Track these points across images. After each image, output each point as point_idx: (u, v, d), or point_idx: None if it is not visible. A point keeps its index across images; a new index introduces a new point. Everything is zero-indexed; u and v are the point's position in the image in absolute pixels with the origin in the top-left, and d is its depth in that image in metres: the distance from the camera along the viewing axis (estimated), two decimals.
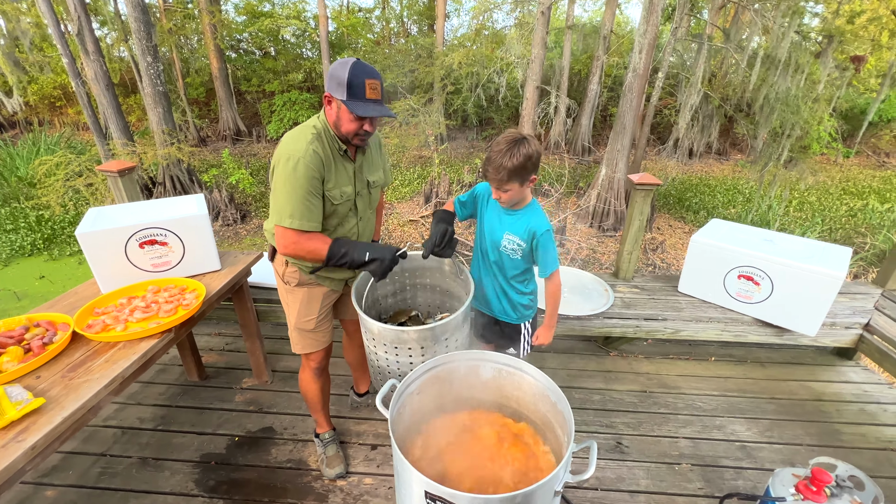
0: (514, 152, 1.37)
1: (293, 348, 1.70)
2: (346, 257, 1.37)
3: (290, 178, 1.31)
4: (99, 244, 1.64)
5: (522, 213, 1.55)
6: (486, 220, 1.63)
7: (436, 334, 1.40)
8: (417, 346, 1.39)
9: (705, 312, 2.33)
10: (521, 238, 1.54)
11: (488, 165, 1.42)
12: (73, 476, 1.86)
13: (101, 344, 1.44)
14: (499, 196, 1.48)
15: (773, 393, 2.40)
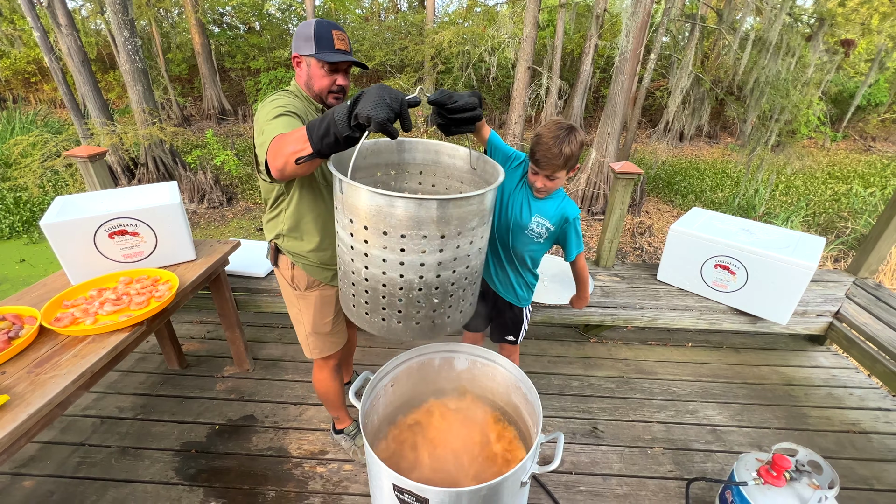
0: (571, 139, 1.35)
1: (309, 354, 1.63)
2: (325, 119, 0.91)
3: (269, 113, 1.18)
4: (66, 235, 1.60)
5: (552, 196, 1.55)
6: (511, 199, 1.57)
7: (462, 214, 0.92)
8: (436, 231, 0.91)
9: (682, 301, 2.36)
10: (550, 222, 1.54)
11: (542, 152, 1.37)
12: (52, 466, 1.86)
13: (69, 338, 1.42)
14: (543, 184, 1.43)
15: (745, 378, 2.47)
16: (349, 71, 1.36)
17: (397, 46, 10.54)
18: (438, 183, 1.32)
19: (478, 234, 1.00)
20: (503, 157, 1.54)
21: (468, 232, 0.96)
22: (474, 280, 1.09)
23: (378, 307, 1.03)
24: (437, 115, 1.05)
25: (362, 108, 0.83)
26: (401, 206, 0.88)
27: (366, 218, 0.91)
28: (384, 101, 0.82)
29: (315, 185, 1.37)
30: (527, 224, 1.55)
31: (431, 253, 0.94)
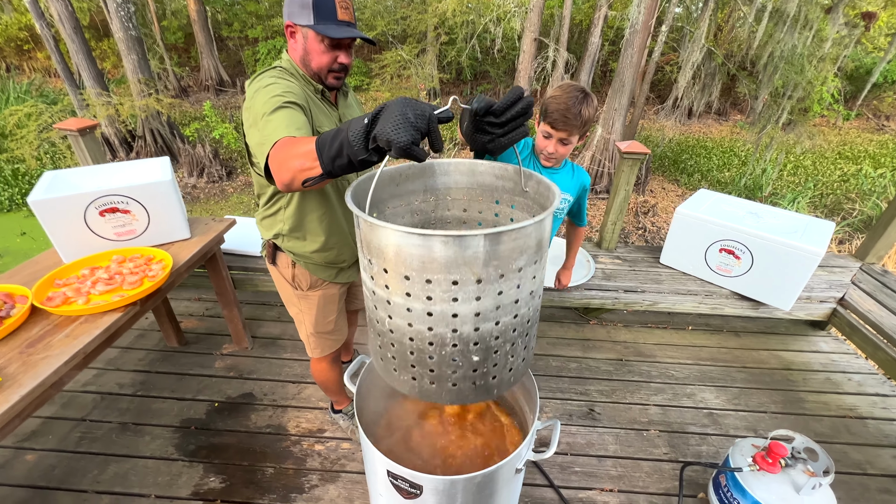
0: (588, 102, 1.30)
1: (311, 353, 1.60)
2: (338, 136, 0.75)
3: (266, 104, 1.02)
4: (55, 212, 1.56)
5: (565, 168, 1.52)
6: None
7: (504, 252, 0.73)
8: (469, 275, 0.73)
9: (684, 285, 2.33)
10: (572, 194, 1.55)
11: (561, 111, 1.29)
12: (53, 441, 1.89)
13: (61, 318, 1.40)
14: (556, 149, 1.37)
15: (744, 362, 2.47)
16: (352, 46, 1.21)
17: (399, 16, 10.18)
18: (486, 210, 1.09)
19: (527, 274, 0.79)
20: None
21: (513, 274, 0.76)
22: (527, 331, 0.89)
23: (406, 364, 0.86)
24: (479, 129, 0.81)
25: (381, 129, 0.67)
26: (416, 245, 0.70)
27: (385, 259, 0.75)
28: (408, 120, 0.66)
29: None
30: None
31: (466, 302, 0.76)
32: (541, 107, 1.35)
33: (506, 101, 0.78)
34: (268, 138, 0.95)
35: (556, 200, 0.83)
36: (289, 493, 1.71)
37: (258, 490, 1.73)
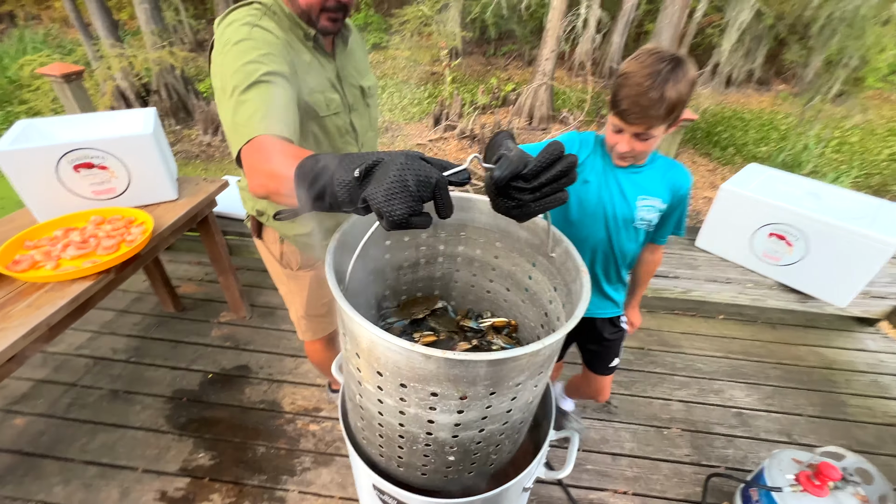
0: (676, 76, 0.92)
1: (301, 336, 1.45)
2: (321, 178, 0.58)
3: (238, 73, 0.83)
4: (22, 165, 1.40)
5: (652, 165, 1.13)
6: (594, 190, 1.13)
7: (501, 374, 0.64)
8: (452, 391, 0.64)
9: (723, 272, 2.10)
10: (662, 199, 1.13)
11: (633, 99, 0.94)
12: (43, 405, 1.82)
13: (27, 284, 1.27)
14: (630, 147, 1.01)
15: (780, 357, 2.25)
16: None
17: None
18: (504, 257, 0.98)
19: (527, 386, 0.70)
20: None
21: (508, 390, 0.67)
22: (518, 430, 0.83)
23: (375, 439, 0.82)
24: (503, 192, 0.59)
25: (373, 195, 0.52)
26: (393, 350, 0.61)
27: (357, 345, 0.67)
28: (406, 188, 0.50)
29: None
30: (632, 214, 1.13)
31: (445, 412, 0.67)
32: (614, 85, 1.01)
33: (541, 162, 0.57)
34: (240, 129, 0.78)
35: (584, 291, 0.71)
36: (279, 476, 1.62)
37: (248, 469, 1.64)
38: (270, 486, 1.59)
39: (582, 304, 0.68)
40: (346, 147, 1.13)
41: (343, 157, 0.57)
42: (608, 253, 1.21)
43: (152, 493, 1.56)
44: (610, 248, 1.20)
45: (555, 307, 0.87)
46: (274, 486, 1.59)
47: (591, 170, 1.14)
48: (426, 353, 0.58)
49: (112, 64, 6.62)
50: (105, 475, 1.60)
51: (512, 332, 1.04)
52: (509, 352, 0.59)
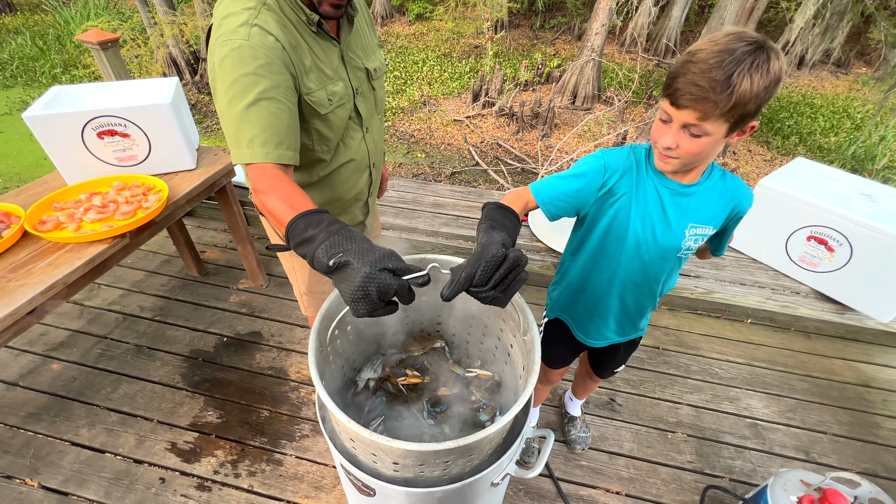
0: (756, 63, 0.71)
1: (304, 311, 1.46)
2: (307, 246, 0.69)
3: (237, 85, 0.83)
4: (51, 130, 1.48)
5: (707, 184, 0.94)
6: (635, 214, 0.96)
7: (454, 454, 0.77)
8: (413, 462, 0.78)
9: (751, 274, 1.95)
10: (714, 225, 0.97)
11: (690, 76, 0.75)
12: (77, 353, 1.99)
13: (50, 243, 1.36)
14: (675, 142, 0.82)
15: (810, 370, 2.09)
16: None
17: None
18: (493, 320, 1.09)
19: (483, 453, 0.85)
20: (588, 182, 0.96)
21: (465, 458, 0.82)
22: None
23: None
24: (459, 288, 0.69)
25: (342, 291, 0.64)
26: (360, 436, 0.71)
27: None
28: (367, 296, 0.62)
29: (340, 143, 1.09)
30: (678, 243, 0.98)
31: (408, 467, 0.81)
32: (676, 62, 0.81)
33: (485, 272, 0.67)
34: (243, 150, 0.85)
35: (534, 374, 0.81)
36: (279, 440, 1.70)
37: (251, 431, 1.73)
38: (270, 449, 1.67)
39: (511, 411, 0.76)
40: (351, 133, 1.10)
41: (327, 234, 0.67)
42: (641, 284, 1.07)
43: (164, 443, 1.68)
44: (644, 277, 1.06)
45: (521, 383, 0.94)
46: (273, 449, 1.67)
47: (632, 189, 0.96)
48: (382, 443, 0.68)
49: (164, 31, 6.85)
50: (125, 422, 1.74)
51: (495, 387, 1.13)
52: (444, 444, 0.69)
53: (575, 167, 0.99)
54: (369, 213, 1.37)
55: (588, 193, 0.98)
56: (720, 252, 1.14)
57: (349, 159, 1.13)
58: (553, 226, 2.20)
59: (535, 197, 0.96)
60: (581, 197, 0.99)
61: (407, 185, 2.63)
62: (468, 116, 6.81)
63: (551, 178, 0.99)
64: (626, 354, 1.32)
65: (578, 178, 0.97)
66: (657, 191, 0.96)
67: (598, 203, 1.00)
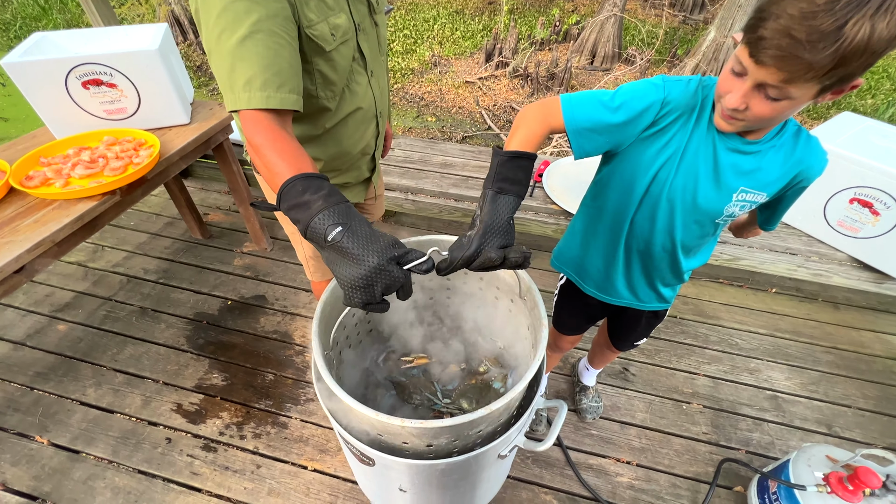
0: (885, 7, 0.52)
1: (310, 276, 1.39)
2: (301, 211, 0.63)
3: (226, 14, 0.72)
4: (31, 78, 1.39)
5: (776, 143, 0.78)
6: (685, 169, 0.82)
7: (459, 430, 0.74)
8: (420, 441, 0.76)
9: (783, 240, 1.81)
10: (769, 192, 0.82)
11: (788, 19, 0.55)
12: (82, 315, 1.97)
13: (38, 200, 1.29)
14: (744, 102, 0.66)
15: (837, 342, 1.99)
16: None
17: None
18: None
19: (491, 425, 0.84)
20: (638, 112, 0.79)
21: (473, 432, 0.79)
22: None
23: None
24: (456, 264, 0.68)
25: (340, 275, 0.60)
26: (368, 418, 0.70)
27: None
28: (370, 289, 0.59)
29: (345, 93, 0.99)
30: (720, 208, 0.84)
31: (417, 442, 0.78)
32: (755, 8, 0.61)
33: (481, 267, 0.68)
34: (238, 93, 0.74)
35: (542, 346, 0.78)
36: (284, 403, 1.68)
37: (256, 394, 1.71)
38: (275, 412, 1.66)
39: (538, 357, 0.76)
40: (356, 77, 0.99)
41: (326, 203, 0.61)
42: (668, 249, 0.93)
43: (170, 404, 1.67)
44: (672, 242, 0.92)
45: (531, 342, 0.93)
46: (278, 412, 1.66)
47: (686, 139, 0.79)
48: (386, 421, 0.66)
49: None
50: (131, 383, 1.73)
51: (502, 353, 1.09)
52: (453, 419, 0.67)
53: (624, 92, 0.79)
54: (375, 168, 1.28)
55: (632, 132, 0.81)
56: (771, 226, 0.98)
57: (356, 108, 1.04)
58: (570, 186, 2.07)
59: (565, 122, 0.79)
60: (623, 134, 0.81)
61: (414, 143, 2.50)
62: (481, 78, 6.51)
63: (591, 100, 0.80)
64: (648, 327, 1.21)
65: (626, 110, 0.78)
66: (713, 145, 0.79)
67: (639, 146, 0.83)
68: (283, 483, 1.47)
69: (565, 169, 2.20)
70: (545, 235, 2.10)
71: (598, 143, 0.82)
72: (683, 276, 1.03)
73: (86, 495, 1.43)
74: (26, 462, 1.50)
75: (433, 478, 0.85)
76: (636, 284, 1.05)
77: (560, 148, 4.55)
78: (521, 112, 0.82)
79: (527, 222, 2.03)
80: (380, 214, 1.52)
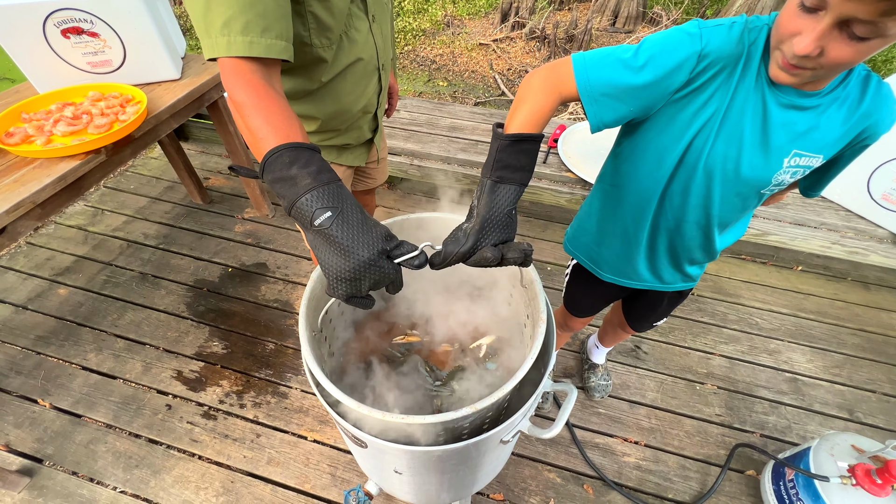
0: None
1: (308, 244, 1.32)
2: (287, 186, 0.54)
3: None
4: (6, 24, 1.28)
5: (843, 93, 0.65)
6: (727, 133, 0.69)
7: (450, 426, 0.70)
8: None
9: (819, 215, 1.68)
10: (826, 154, 0.70)
11: None
12: (83, 279, 1.94)
13: (18, 158, 1.22)
14: (819, 47, 0.54)
15: (865, 323, 1.88)
16: None
17: None
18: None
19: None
20: (671, 69, 0.65)
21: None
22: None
23: None
24: (452, 257, 0.62)
25: (326, 264, 0.54)
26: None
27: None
28: (357, 282, 0.54)
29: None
30: (768, 176, 0.71)
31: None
32: None
33: (476, 264, 0.62)
34: (216, 38, 0.63)
35: (541, 334, 0.72)
36: (284, 373, 1.65)
37: (256, 363, 1.68)
38: (275, 381, 1.63)
39: (538, 338, 0.70)
40: (356, 23, 0.88)
41: (316, 182, 0.54)
42: (702, 225, 0.82)
43: (170, 371, 1.65)
44: (707, 218, 0.80)
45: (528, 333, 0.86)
46: (278, 382, 1.63)
47: (729, 97, 0.66)
48: (383, 418, 0.61)
49: None
50: (131, 349, 1.71)
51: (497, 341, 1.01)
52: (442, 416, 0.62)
53: (650, 46, 0.65)
54: (378, 128, 1.18)
55: (661, 95, 0.67)
56: (816, 192, 0.84)
57: (356, 58, 0.93)
58: (587, 153, 1.94)
59: (578, 87, 0.67)
60: (650, 98, 0.68)
61: (421, 105, 2.36)
62: (495, 40, 6.18)
63: (609, 59, 0.66)
64: (670, 307, 1.12)
65: (653, 69, 0.64)
66: (763, 101, 0.66)
67: (669, 110, 0.70)
68: (283, 452, 1.45)
69: (583, 134, 2.06)
70: (558, 206, 1.98)
71: (620, 112, 0.69)
72: (715, 255, 0.92)
73: (87, 459, 1.43)
74: (29, 424, 1.50)
75: (430, 463, 0.80)
76: (660, 266, 0.95)
77: (577, 115, 4.33)
78: (526, 78, 0.70)
79: (539, 191, 1.92)
80: (383, 179, 1.42)
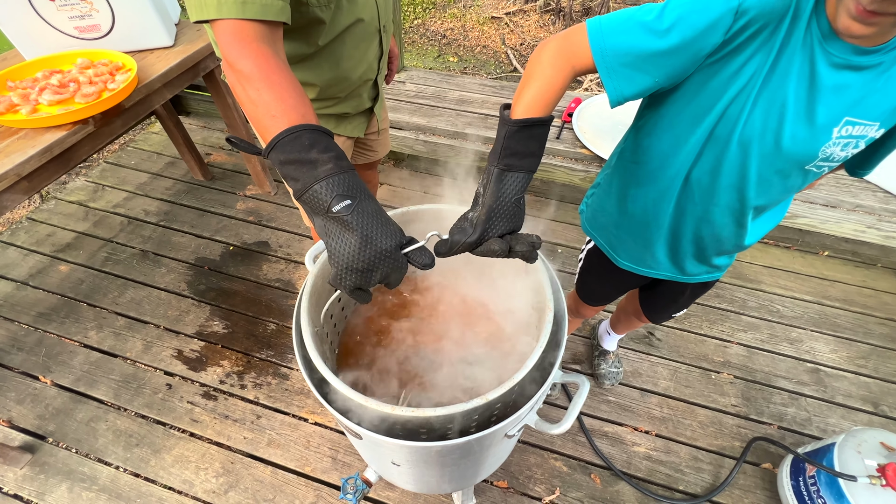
0: None
1: (307, 222, 1.27)
2: (304, 170, 0.50)
3: None
4: None
5: None
6: (767, 100, 0.60)
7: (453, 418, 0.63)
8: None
9: (854, 196, 1.57)
10: (885, 124, 0.60)
11: None
12: (83, 256, 1.92)
13: (3, 128, 1.16)
14: (884, 7, 0.46)
15: (894, 312, 1.78)
16: None
17: None
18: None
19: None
20: (702, 31, 0.55)
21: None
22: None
23: None
24: (457, 247, 0.59)
25: (335, 252, 0.50)
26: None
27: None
28: (367, 274, 0.50)
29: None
30: (815, 150, 0.62)
31: None
32: None
33: (482, 254, 0.59)
34: (205, 3, 0.59)
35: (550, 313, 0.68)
36: (285, 354, 1.61)
37: (257, 343, 1.65)
38: (276, 362, 1.60)
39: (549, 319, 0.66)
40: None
41: (337, 168, 0.50)
42: (735, 210, 0.72)
43: (170, 350, 1.63)
44: (741, 202, 0.71)
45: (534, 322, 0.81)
46: (279, 363, 1.59)
47: (771, 59, 0.57)
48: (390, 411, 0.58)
49: None
50: (132, 327, 1.69)
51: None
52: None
53: (677, 5, 0.56)
54: (378, 96, 1.10)
55: (691, 61, 0.58)
56: (866, 170, 0.74)
57: (355, 19, 0.86)
58: (604, 128, 1.83)
59: (594, 56, 0.59)
60: (677, 66, 0.59)
61: (428, 77, 2.24)
62: (508, 13, 5.92)
63: (628, 22, 0.58)
64: (691, 298, 1.03)
65: (681, 31, 0.56)
66: (811, 60, 0.56)
67: (699, 76, 0.61)
68: (283, 434, 1.43)
69: (599, 108, 1.94)
70: (572, 184, 1.89)
71: (643, 84, 0.61)
72: (744, 246, 0.82)
73: (88, 436, 1.42)
74: (31, 401, 1.49)
75: (430, 458, 0.75)
76: (683, 256, 0.86)
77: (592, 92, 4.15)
78: (536, 50, 0.62)
79: (552, 168, 1.82)
80: (384, 152, 1.35)
